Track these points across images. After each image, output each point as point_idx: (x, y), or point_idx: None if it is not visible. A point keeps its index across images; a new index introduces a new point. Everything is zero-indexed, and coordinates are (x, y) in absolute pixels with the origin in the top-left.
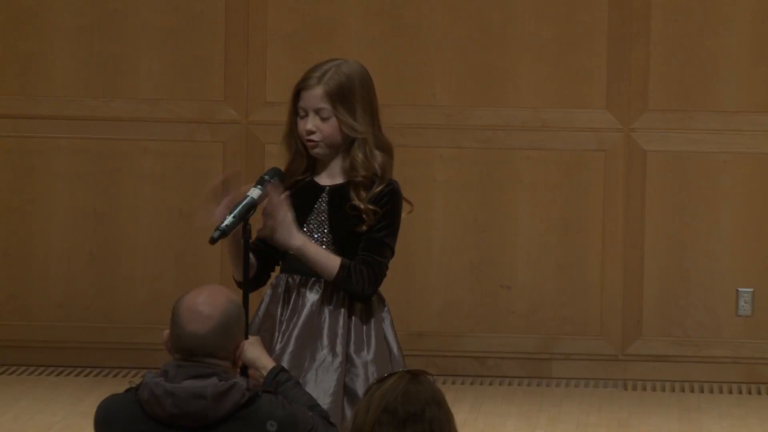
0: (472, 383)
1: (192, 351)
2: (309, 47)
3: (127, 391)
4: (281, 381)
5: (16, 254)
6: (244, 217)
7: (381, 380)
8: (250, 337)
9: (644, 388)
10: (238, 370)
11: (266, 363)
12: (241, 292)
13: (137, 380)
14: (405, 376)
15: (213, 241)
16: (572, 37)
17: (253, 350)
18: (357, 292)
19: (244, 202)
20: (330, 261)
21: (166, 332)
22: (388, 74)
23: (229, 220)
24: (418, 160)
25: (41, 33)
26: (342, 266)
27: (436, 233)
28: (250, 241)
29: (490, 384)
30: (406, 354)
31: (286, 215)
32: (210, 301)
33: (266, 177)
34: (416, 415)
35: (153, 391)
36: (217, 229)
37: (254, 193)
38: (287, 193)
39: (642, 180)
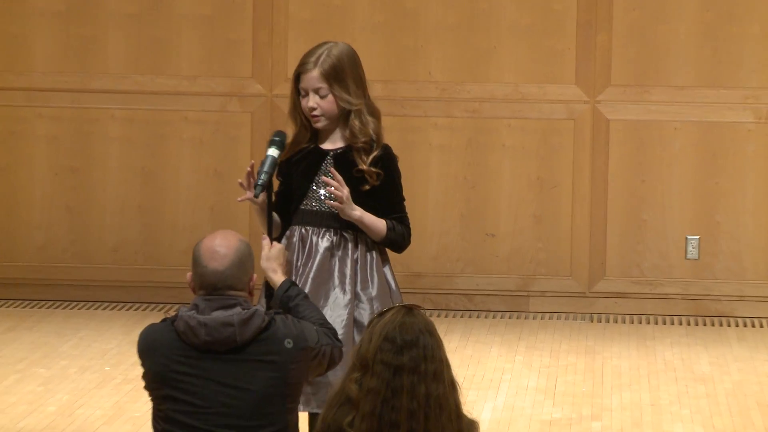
0: (461, 317)
1: (215, 285)
2: (323, 32)
3: (163, 321)
4: (292, 295)
5: (76, 207)
6: (273, 172)
7: (381, 314)
8: (278, 245)
9: (607, 321)
10: (253, 298)
11: (279, 276)
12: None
13: (172, 313)
14: (401, 309)
15: (257, 195)
16: (546, 23)
17: (276, 259)
18: (401, 245)
19: (268, 161)
20: (380, 224)
21: (189, 274)
22: (391, 55)
23: (263, 176)
24: (416, 128)
25: (97, 19)
26: (388, 228)
27: (431, 189)
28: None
29: (477, 317)
30: (406, 292)
31: (348, 194)
32: (224, 242)
33: (276, 138)
34: (411, 342)
35: (188, 322)
36: (256, 185)
37: (273, 152)
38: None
39: (605, 145)
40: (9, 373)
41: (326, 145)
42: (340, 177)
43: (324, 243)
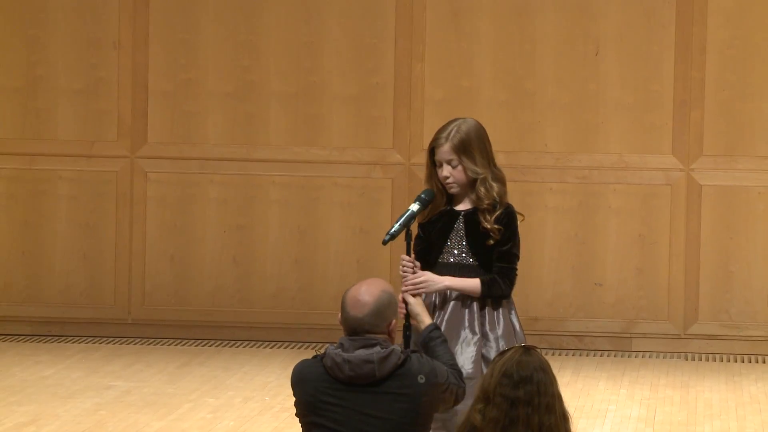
0: (573, 355)
1: (355, 329)
2: (454, 109)
3: (314, 357)
4: (434, 337)
5: (242, 260)
6: (407, 225)
7: (502, 353)
8: (416, 298)
9: (700, 359)
10: (394, 338)
11: (425, 319)
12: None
13: (321, 351)
14: (520, 349)
15: (384, 243)
16: (647, 101)
17: (417, 307)
18: (501, 296)
19: (406, 214)
20: (472, 284)
21: (339, 314)
22: (513, 129)
23: (395, 227)
24: (534, 192)
25: (261, 98)
26: (483, 284)
27: (547, 245)
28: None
29: (587, 356)
30: (525, 333)
31: (423, 278)
32: (367, 292)
33: (423, 196)
34: (527, 378)
35: (334, 359)
36: (387, 233)
37: (414, 207)
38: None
39: (698, 207)
40: (183, 402)
41: (459, 207)
42: (415, 262)
43: (455, 294)
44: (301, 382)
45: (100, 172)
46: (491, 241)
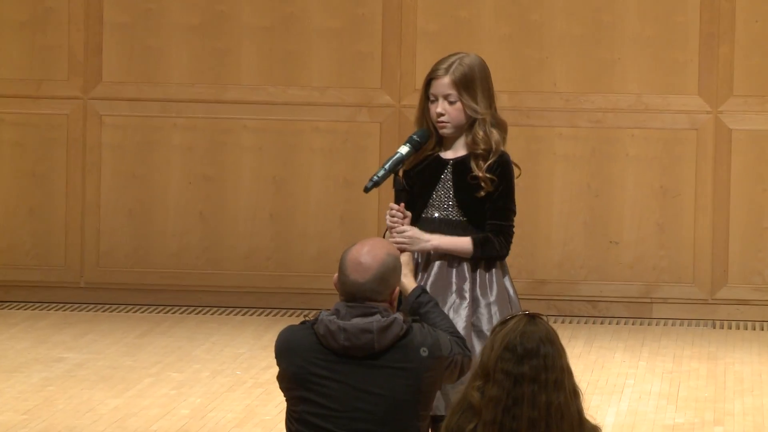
0: (585, 323)
1: (354, 295)
2: (450, 44)
3: (303, 323)
4: (423, 302)
5: (210, 215)
6: (394, 170)
7: (503, 322)
8: (404, 254)
9: (729, 327)
10: (395, 308)
11: (410, 282)
12: None
13: (301, 319)
14: (523, 318)
15: (366, 190)
16: (669, 34)
17: (404, 267)
18: (496, 257)
19: (394, 158)
20: (463, 244)
21: (335, 276)
22: (517, 66)
23: (381, 171)
24: (541, 138)
25: (231, 33)
26: (475, 244)
27: (555, 198)
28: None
29: (601, 323)
30: (531, 298)
31: (409, 233)
32: (371, 254)
33: (415, 136)
34: (532, 352)
35: (328, 326)
36: (370, 180)
37: (403, 150)
38: (407, 215)
39: (728, 154)
40: (143, 377)
41: (447, 154)
42: (405, 212)
43: (445, 252)
44: (288, 351)
45: (48, 115)
46: (482, 193)
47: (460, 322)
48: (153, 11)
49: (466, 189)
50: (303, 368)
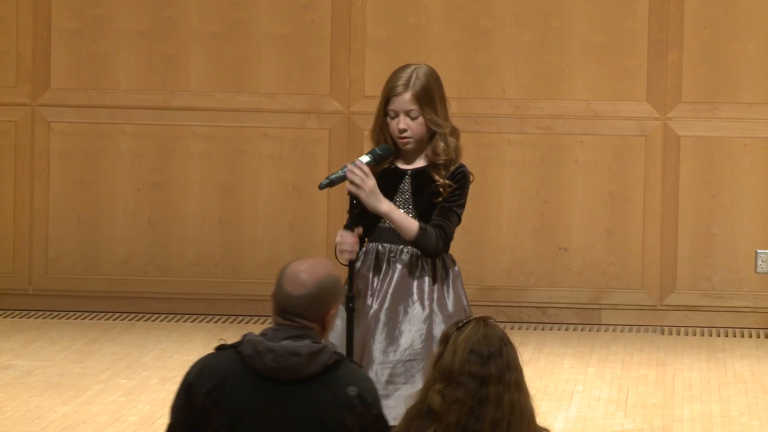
0: (534, 329)
1: (285, 309)
2: (400, 50)
3: (219, 348)
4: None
5: (158, 222)
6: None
7: (459, 328)
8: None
9: (678, 333)
10: (327, 334)
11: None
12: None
13: (247, 329)
14: (479, 322)
15: (321, 187)
16: (618, 41)
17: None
18: (430, 249)
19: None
20: (411, 223)
21: (273, 289)
22: (466, 73)
23: (339, 173)
24: (490, 144)
25: (179, 39)
26: (420, 228)
27: (505, 204)
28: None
29: (550, 330)
30: (481, 304)
31: (370, 184)
32: (310, 270)
33: (378, 151)
34: (497, 353)
35: (255, 347)
36: (327, 178)
37: (364, 159)
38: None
39: (676, 160)
40: (92, 384)
41: (404, 165)
42: (366, 168)
43: (402, 260)
44: (203, 373)
45: None
46: (440, 198)
47: (421, 331)
48: (101, 17)
49: (425, 198)
50: (222, 389)
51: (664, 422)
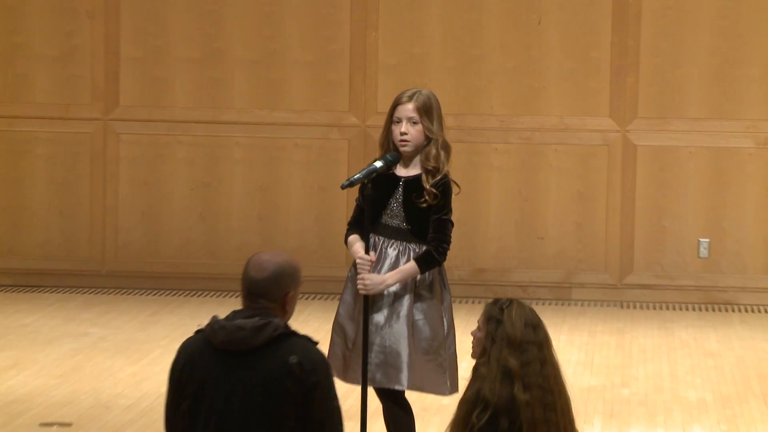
0: None
1: (250, 290)
2: (406, 74)
3: (197, 332)
4: None
5: (208, 215)
6: (367, 177)
7: (502, 307)
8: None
9: (635, 307)
10: (287, 315)
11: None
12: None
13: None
14: (514, 301)
15: (343, 187)
16: (586, 67)
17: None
18: (436, 266)
19: (369, 168)
20: (411, 270)
21: None
22: (460, 93)
23: (357, 175)
24: (480, 152)
25: (225, 65)
26: (419, 265)
27: (492, 202)
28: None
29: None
30: (472, 284)
31: (370, 280)
32: (271, 258)
33: (389, 157)
34: (539, 324)
35: (212, 326)
36: (348, 179)
37: (378, 164)
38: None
39: (633, 166)
40: (154, 348)
41: (401, 172)
42: (372, 260)
43: (392, 250)
44: (181, 350)
45: (75, 133)
46: (425, 204)
47: (403, 309)
48: (161, 47)
49: (413, 204)
50: (192, 363)
51: (623, 380)
